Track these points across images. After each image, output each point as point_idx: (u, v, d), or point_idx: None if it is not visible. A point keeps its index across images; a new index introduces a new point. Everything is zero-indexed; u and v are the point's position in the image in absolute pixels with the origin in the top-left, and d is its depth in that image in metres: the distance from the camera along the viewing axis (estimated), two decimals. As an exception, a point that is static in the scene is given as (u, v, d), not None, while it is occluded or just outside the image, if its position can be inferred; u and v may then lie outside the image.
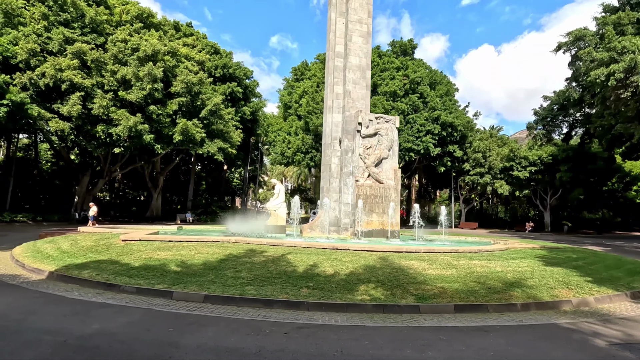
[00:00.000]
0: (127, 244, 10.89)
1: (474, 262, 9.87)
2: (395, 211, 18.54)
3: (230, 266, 8.51)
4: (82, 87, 23.23)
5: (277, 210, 19.98)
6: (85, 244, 11.22)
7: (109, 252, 10.04)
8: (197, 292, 6.97)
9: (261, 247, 10.84)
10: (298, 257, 9.34)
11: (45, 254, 10.35)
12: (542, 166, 35.32)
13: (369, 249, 10.92)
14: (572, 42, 23.27)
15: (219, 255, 9.54)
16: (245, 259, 9.20)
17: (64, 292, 7.10)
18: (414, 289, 7.34)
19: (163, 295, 6.96)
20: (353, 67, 20.47)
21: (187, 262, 8.85)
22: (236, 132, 33.06)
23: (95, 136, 24.75)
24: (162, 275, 7.88)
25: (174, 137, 26.69)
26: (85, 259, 9.41)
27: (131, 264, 8.71)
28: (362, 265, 8.80)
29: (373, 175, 18.58)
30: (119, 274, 7.95)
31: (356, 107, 19.88)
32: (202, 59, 32.59)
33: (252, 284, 7.37)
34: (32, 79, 22.27)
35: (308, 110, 36.91)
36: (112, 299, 6.68)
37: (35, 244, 12.19)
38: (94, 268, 8.47)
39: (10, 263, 10.12)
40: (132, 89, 24.81)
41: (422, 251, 11.42)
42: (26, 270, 9.01)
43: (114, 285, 7.41)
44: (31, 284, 7.70)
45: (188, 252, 9.83)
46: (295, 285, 7.31)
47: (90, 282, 7.68)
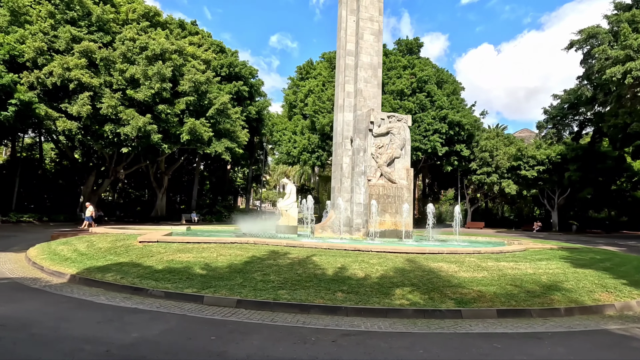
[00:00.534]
0: (145, 245, 10.65)
1: (502, 263, 9.63)
2: (409, 211, 18.33)
3: (257, 269, 8.27)
4: (90, 87, 22.97)
5: (288, 210, 19.76)
6: (102, 246, 10.98)
7: (128, 254, 9.79)
8: (229, 296, 6.72)
9: (282, 248, 10.61)
10: (324, 259, 9.10)
11: (62, 256, 10.11)
12: (551, 165, 35.06)
13: (392, 251, 10.68)
14: (585, 39, 23.00)
15: (242, 257, 9.30)
16: (270, 261, 8.96)
17: (90, 296, 6.86)
18: (451, 293, 7.10)
19: (193, 299, 6.72)
20: (364, 65, 20.22)
21: (212, 265, 8.61)
22: (243, 132, 32.82)
23: (103, 136, 24.49)
24: (188, 278, 7.64)
25: (182, 136, 26.45)
26: (106, 261, 9.17)
27: (154, 267, 8.47)
28: (392, 268, 8.55)
29: (385, 174, 18.34)
30: (143, 277, 7.71)
31: (368, 106, 19.65)
32: (209, 58, 32.34)
33: (284, 288, 7.12)
34: (40, 78, 22.02)
35: (314, 110, 36.65)
36: (141, 304, 6.44)
37: (49, 246, 11.94)
38: (116, 271, 8.22)
39: (27, 265, 9.88)
40: (141, 88, 24.56)
41: (445, 252, 11.18)
42: (46, 273, 8.77)
43: (140, 289, 7.17)
44: (54, 288, 7.45)
45: (209, 254, 9.59)
46: (329, 290, 7.06)
47: (115, 285, 7.44)
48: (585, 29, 23.47)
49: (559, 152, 34.27)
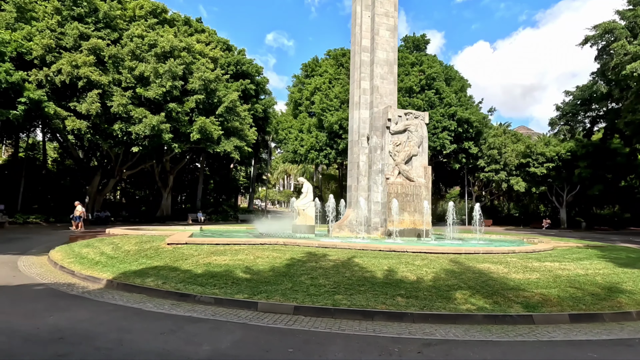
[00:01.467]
0: (175, 247, 10.26)
1: (546, 264, 9.33)
2: (427, 210, 18.04)
3: (302, 272, 7.92)
4: (99, 85, 22.46)
5: (305, 209, 19.47)
6: (128, 248, 10.58)
7: (160, 257, 9.41)
8: (284, 302, 6.37)
9: (317, 249, 10.27)
10: (367, 261, 8.77)
11: (91, 259, 9.71)
12: (560, 162, 34.88)
13: (428, 251, 10.36)
14: (600, 35, 22.74)
15: (281, 259, 8.95)
16: (311, 263, 8.61)
17: (136, 303, 6.48)
18: (514, 296, 6.78)
19: (246, 306, 6.36)
20: (380, 61, 19.88)
21: (253, 268, 8.25)
22: (251, 130, 32.40)
23: (113, 135, 24.00)
24: (234, 283, 7.28)
25: (192, 135, 26.00)
26: (139, 265, 8.78)
27: (193, 271, 8.10)
28: (440, 270, 8.23)
29: (403, 172, 18.05)
30: (186, 283, 7.34)
31: (384, 103, 19.32)
32: (216, 56, 31.87)
33: (339, 293, 6.78)
34: (48, 76, 21.49)
35: (322, 108, 36.25)
36: (193, 312, 6.07)
37: (71, 248, 11.53)
38: (155, 275, 7.84)
39: (54, 269, 9.47)
40: (151, 86, 24.07)
41: (481, 252, 10.90)
42: (78, 278, 8.37)
43: (187, 295, 6.80)
44: (94, 294, 7.07)
45: (246, 256, 9.22)
46: (386, 294, 6.73)
47: (158, 291, 7.06)
48: (601, 24, 23.21)
49: (569, 149, 34.07)
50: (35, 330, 4.80)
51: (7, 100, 19.19)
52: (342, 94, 36.56)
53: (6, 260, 10.70)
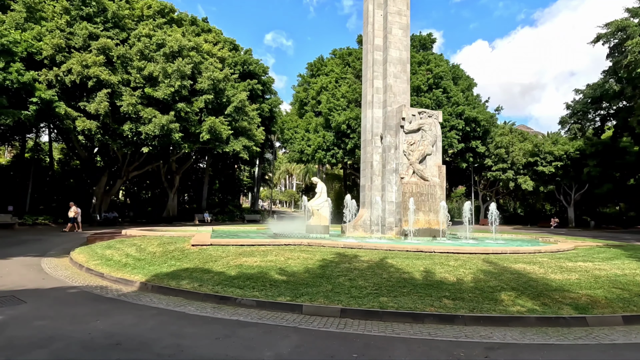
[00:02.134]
0: (200, 249, 10.11)
1: (579, 264, 9.20)
2: (442, 209, 17.97)
3: (338, 273, 7.78)
4: (108, 84, 22.30)
5: (320, 209, 19.37)
6: (153, 250, 10.43)
7: (188, 258, 9.27)
8: (329, 305, 6.23)
9: (345, 250, 10.14)
10: (400, 262, 8.63)
11: (117, 261, 9.57)
12: (569, 161, 34.76)
13: (455, 251, 10.22)
14: (613, 33, 22.60)
15: (313, 260, 8.81)
16: (345, 264, 8.47)
17: (177, 306, 6.34)
18: (560, 298, 6.65)
19: (291, 309, 6.22)
20: (394, 60, 19.76)
21: (287, 270, 8.11)
22: (259, 130, 32.25)
23: (122, 135, 23.83)
24: (272, 285, 7.14)
25: (202, 135, 25.85)
26: (169, 267, 8.63)
27: (226, 273, 7.96)
28: (477, 270, 8.09)
29: (417, 172, 17.95)
30: (223, 285, 7.19)
31: (398, 102, 19.22)
32: (224, 56, 31.69)
33: (382, 295, 6.64)
34: (58, 76, 21.32)
35: (329, 107, 36.08)
36: (238, 315, 5.93)
37: (93, 250, 11.38)
38: (189, 278, 7.70)
39: (79, 272, 9.32)
40: (160, 85, 23.91)
41: (508, 252, 10.79)
42: (108, 281, 8.22)
43: (227, 298, 6.65)
44: (130, 297, 6.92)
45: (275, 257, 9.08)
46: (431, 296, 6.59)
47: (196, 294, 6.92)
48: (613, 22, 23.07)
49: (578, 148, 33.95)
50: (88, 336, 4.66)
51: (18, 101, 19.03)
52: (350, 93, 36.44)
53: (29, 262, 10.55)
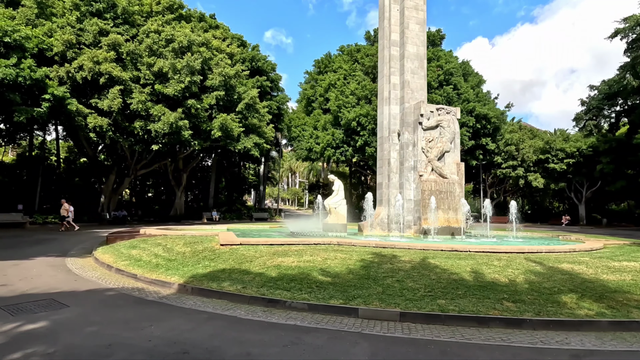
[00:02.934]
0: (231, 249, 9.83)
1: (624, 263, 8.91)
2: (461, 207, 17.71)
3: (383, 274, 7.49)
4: (120, 81, 21.96)
5: (337, 207, 19.13)
6: (181, 250, 10.14)
7: (221, 259, 8.98)
8: (386, 308, 5.93)
9: (380, 250, 9.86)
10: (444, 262, 8.34)
11: (147, 261, 9.28)
12: (581, 158, 34.44)
13: (490, 250, 9.94)
14: (631, 27, 22.25)
15: (351, 260, 8.52)
16: (387, 265, 8.18)
17: (226, 310, 6.04)
18: (624, 300, 6.35)
19: (346, 313, 5.93)
20: (411, 55, 19.44)
21: (329, 270, 7.82)
22: (268, 127, 31.91)
23: (133, 133, 23.51)
24: (319, 287, 6.84)
25: (213, 132, 25.51)
26: (204, 267, 8.34)
27: (266, 274, 7.66)
28: (525, 271, 7.80)
29: (436, 169, 17.69)
30: (268, 287, 6.90)
31: (415, 98, 18.92)
32: (233, 52, 31.29)
33: (437, 297, 6.34)
34: (70, 72, 20.97)
35: (338, 104, 35.71)
36: (294, 319, 5.64)
37: (118, 250, 11.09)
38: (229, 279, 7.41)
39: (109, 272, 9.02)
40: (170, 82, 23.55)
41: (543, 251, 10.51)
42: (143, 282, 7.93)
43: (276, 300, 6.36)
44: (173, 300, 6.63)
45: (311, 257, 8.79)
46: (489, 298, 6.29)
47: (241, 297, 6.62)
48: (632, 16, 22.72)
49: (591, 145, 33.62)
50: (150, 344, 4.36)
51: (30, 98, 18.70)
52: (359, 90, 36.07)
53: (53, 262, 10.27)
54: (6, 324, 4.94)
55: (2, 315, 5.31)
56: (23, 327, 4.87)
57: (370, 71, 38.33)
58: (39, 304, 6.01)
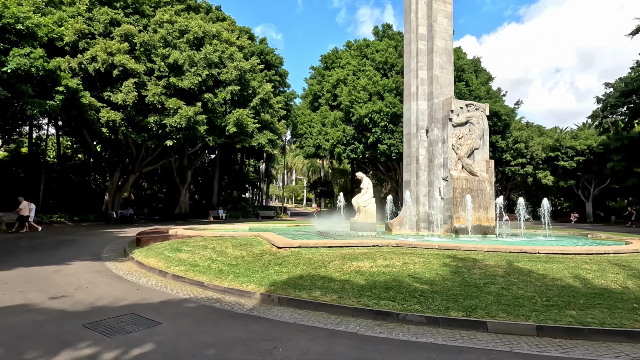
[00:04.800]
0: (292, 252, 9.12)
1: None
2: (492, 206, 17.35)
3: (482, 280, 6.90)
4: (135, 73, 20.88)
5: (366, 206, 18.60)
6: (236, 253, 9.39)
7: (290, 263, 8.27)
8: (517, 321, 5.33)
9: (453, 252, 9.26)
10: (533, 266, 7.79)
11: (205, 266, 8.51)
12: (592, 156, 34.53)
13: (559, 252, 9.39)
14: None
15: (434, 265, 7.91)
16: (475, 269, 7.59)
17: (337, 325, 5.37)
18: None
19: (472, 326, 5.31)
20: (439, 50, 18.93)
21: (419, 277, 7.19)
22: (280, 123, 31.07)
23: (147, 128, 22.44)
24: (423, 296, 6.21)
25: (228, 128, 24.57)
26: (278, 274, 7.63)
27: (353, 281, 7.00)
28: (630, 275, 7.31)
29: (466, 167, 17.27)
30: (367, 296, 6.24)
31: (444, 94, 18.45)
32: (243, 44, 30.27)
33: (563, 307, 5.75)
34: (82, 64, 19.82)
35: (350, 100, 34.99)
36: (423, 335, 5.01)
37: (160, 252, 10.26)
38: (317, 287, 6.72)
39: (164, 279, 8.22)
40: (186, 75, 22.53)
41: (610, 252, 10.03)
42: (214, 291, 7.17)
43: (386, 313, 5.70)
44: (264, 312, 5.91)
45: (387, 261, 8.16)
46: (618, 307, 5.74)
47: (342, 308, 5.94)
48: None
49: (601, 142, 33.71)
50: (303, 374, 3.67)
51: (43, 90, 17.54)
52: (370, 86, 35.42)
53: (94, 267, 9.43)
54: (110, 349, 4.18)
55: (95, 338, 4.54)
56: (131, 352, 4.12)
57: (381, 67, 37.68)
58: (123, 320, 5.24)
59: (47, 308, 5.73)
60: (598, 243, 13.90)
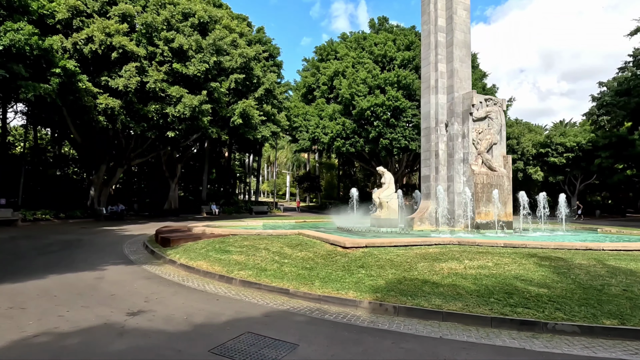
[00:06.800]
0: (363, 252, 8.39)
1: None
2: (510, 201, 17.47)
3: (596, 282, 6.47)
4: (136, 57, 19.14)
5: (389, 201, 18.15)
6: (303, 255, 8.55)
7: (375, 265, 7.54)
8: (679, 329, 4.90)
9: (527, 250, 8.84)
10: (629, 265, 7.49)
11: (278, 271, 7.61)
12: (580, 152, 35.79)
13: (624, 248, 9.23)
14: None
15: (529, 266, 7.44)
16: (575, 270, 7.17)
17: (483, 338, 4.73)
18: None
19: (635, 336, 4.83)
20: (459, 43, 18.64)
21: (526, 279, 6.68)
22: (280, 114, 29.92)
23: (147, 117, 20.73)
24: (552, 302, 5.68)
25: (233, 119, 23.22)
26: (371, 278, 6.87)
27: (462, 285, 6.38)
28: None
29: (486, 162, 17.19)
30: (491, 303, 5.64)
31: (464, 88, 18.20)
32: (243, 31, 28.76)
33: None
34: (77, 44, 17.88)
35: (350, 93, 34.24)
36: (590, 349, 4.46)
37: (207, 255, 9.22)
38: (431, 294, 6.04)
39: (229, 285, 7.26)
40: (191, 61, 20.97)
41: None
42: (305, 299, 6.31)
43: (531, 322, 5.11)
44: (389, 324, 5.16)
45: (474, 262, 7.61)
46: None
47: (474, 317, 5.30)
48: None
49: (590, 139, 34.99)
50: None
51: (36, 71, 15.60)
52: (370, 79, 34.86)
53: (135, 272, 8.28)
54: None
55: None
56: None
57: (380, 60, 37.19)
58: (248, 341, 4.33)
59: (139, 328, 4.70)
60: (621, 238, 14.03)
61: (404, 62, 36.44)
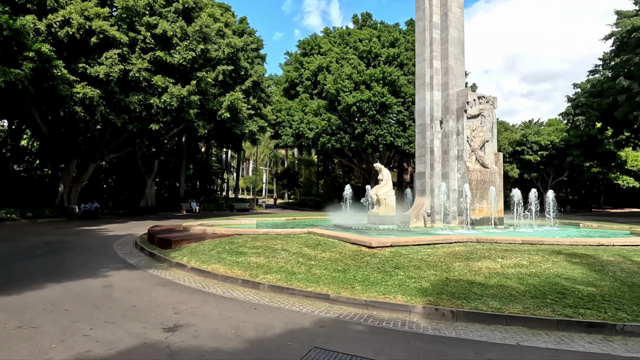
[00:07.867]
0: (391, 252, 8.04)
1: None
2: (501, 197, 17.91)
3: (636, 280, 6.47)
4: (117, 43, 17.69)
5: (387, 198, 18.04)
6: (327, 255, 8.08)
7: (410, 265, 7.20)
8: None
9: (549, 247, 8.81)
10: (654, 261, 7.61)
11: (309, 274, 7.10)
12: (554, 150, 37.45)
13: (632, 244, 9.49)
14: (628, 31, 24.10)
15: (563, 264, 7.37)
16: (610, 267, 7.18)
17: (556, 343, 4.50)
18: None
19: (702, 335, 4.77)
20: (454, 40, 18.77)
21: (569, 278, 6.57)
22: (266, 108, 29.03)
23: (129, 108, 19.28)
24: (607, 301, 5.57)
25: (220, 113, 22.15)
26: (412, 280, 6.51)
27: (510, 285, 6.16)
28: None
29: (479, 159, 17.49)
30: (552, 304, 5.44)
31: (458, 85, 18.38)
32: (228, 21, 27.54)
33: None
34: (52, 27, 16.24)
35: (336, 88, 33.81)
36: (674, 352, 4.33)
37: (221, 258, 8.55)
38: (482, 296, 5.76)
39: (256, 291, 6.67)
40: (176, 49, 19.70)
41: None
42: (352, 305, 5.84)
43: (600, 324, 4.93)
44: (453, 331, 4.82)
45: (508, 261, 7.46)
46: None
47: (539, 321, 5.07)
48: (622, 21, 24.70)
49: (563, 138, 36.68)
50: None
51: (5, 55, 13.95)
52: (355, 75, 34.58)
53: (146, 278, 7.48)
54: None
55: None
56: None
57: (365, 56, 37.00)
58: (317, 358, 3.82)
59: (189, 348, 4.05)
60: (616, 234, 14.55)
61: (389, 58, 36.46)
